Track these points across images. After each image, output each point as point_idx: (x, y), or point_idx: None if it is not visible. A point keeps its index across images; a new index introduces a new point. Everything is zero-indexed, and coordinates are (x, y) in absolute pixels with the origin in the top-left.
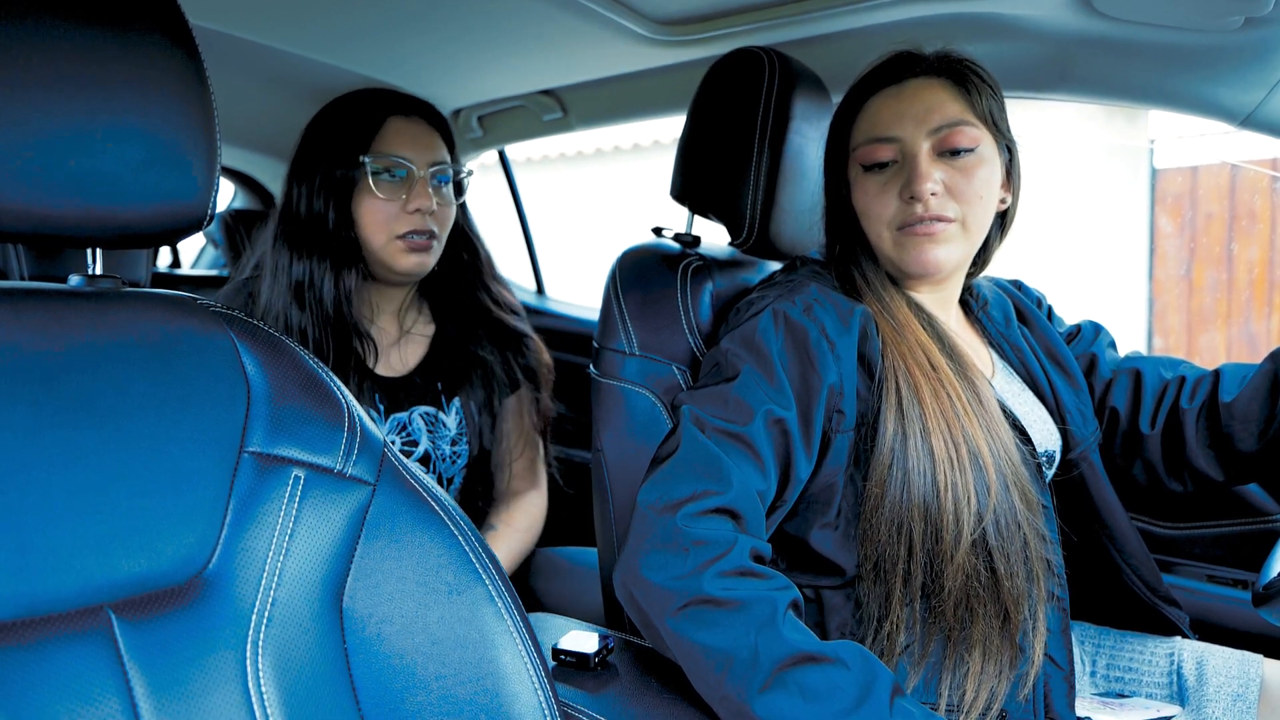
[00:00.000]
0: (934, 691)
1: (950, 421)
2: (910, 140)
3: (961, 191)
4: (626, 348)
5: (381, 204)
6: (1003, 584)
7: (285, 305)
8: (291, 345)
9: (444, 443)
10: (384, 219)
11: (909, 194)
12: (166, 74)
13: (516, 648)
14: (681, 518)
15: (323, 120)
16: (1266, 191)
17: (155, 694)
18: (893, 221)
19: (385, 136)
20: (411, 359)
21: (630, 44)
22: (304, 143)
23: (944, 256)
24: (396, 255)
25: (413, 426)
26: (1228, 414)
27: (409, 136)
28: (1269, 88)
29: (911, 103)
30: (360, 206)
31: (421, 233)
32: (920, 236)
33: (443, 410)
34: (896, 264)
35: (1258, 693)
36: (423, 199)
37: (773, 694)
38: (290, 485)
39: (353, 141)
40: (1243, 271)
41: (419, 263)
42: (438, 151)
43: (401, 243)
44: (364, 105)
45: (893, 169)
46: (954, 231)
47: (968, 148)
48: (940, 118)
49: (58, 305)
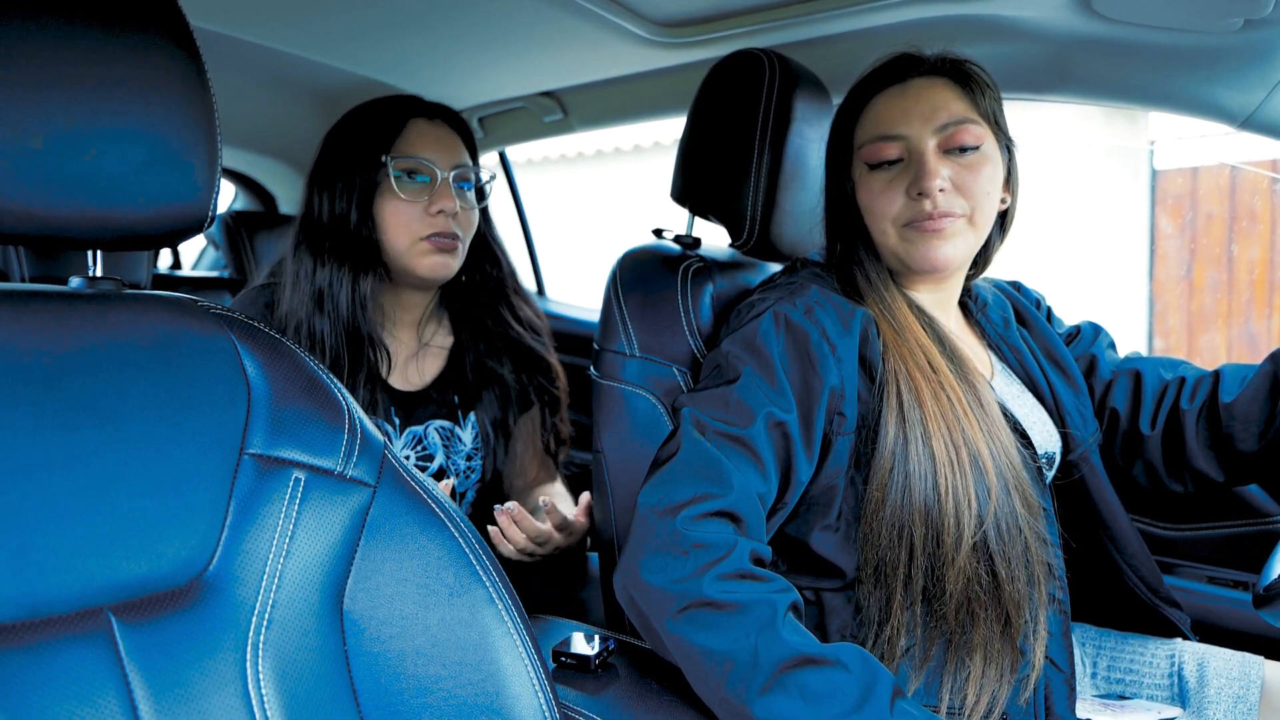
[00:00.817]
0: (935, 695)
1: (951, 424)
2: (917, 138)
3: (968, 188)
4: (627, 349)
5: (405, 205)
6: (1004, 588)
7: (309, 313)
8: (291, 347)
9: (459, 458)
10: (407, 221)
11: (917, 190)
12: (167, 75)
13: (517, 649)
14: (682, 520)
15: (344, 126)
16: (1266, 192)
17: (155, 696)
18: (899, 218)
19: (408, 138)
20: (429, 372)
21: (631, 45)
22: (325, 149)
23: (951, 252)
24: (420, 258)
25: (428, 440)
26: (1228, 415)
27: (432, 139)
28: (1269, 89)
29: (917, 101)
30: (383, 209)
31: (445, 235)
32: (929, 233)
33: (459, 425)
34: (903, 260)
35: (1259, 694)
36: (446, 200)
37: (773, 696)
38: (291, 487)
39: (375, 143)
40: (1243, 272)
41: (443, 264)
42: (460, 154)
43: (426, 244)
44: (386, 109)
45: (899, 167)
46: (961, 227)
47: (973, 145)
48: (946, 115)
49: (58, 307)
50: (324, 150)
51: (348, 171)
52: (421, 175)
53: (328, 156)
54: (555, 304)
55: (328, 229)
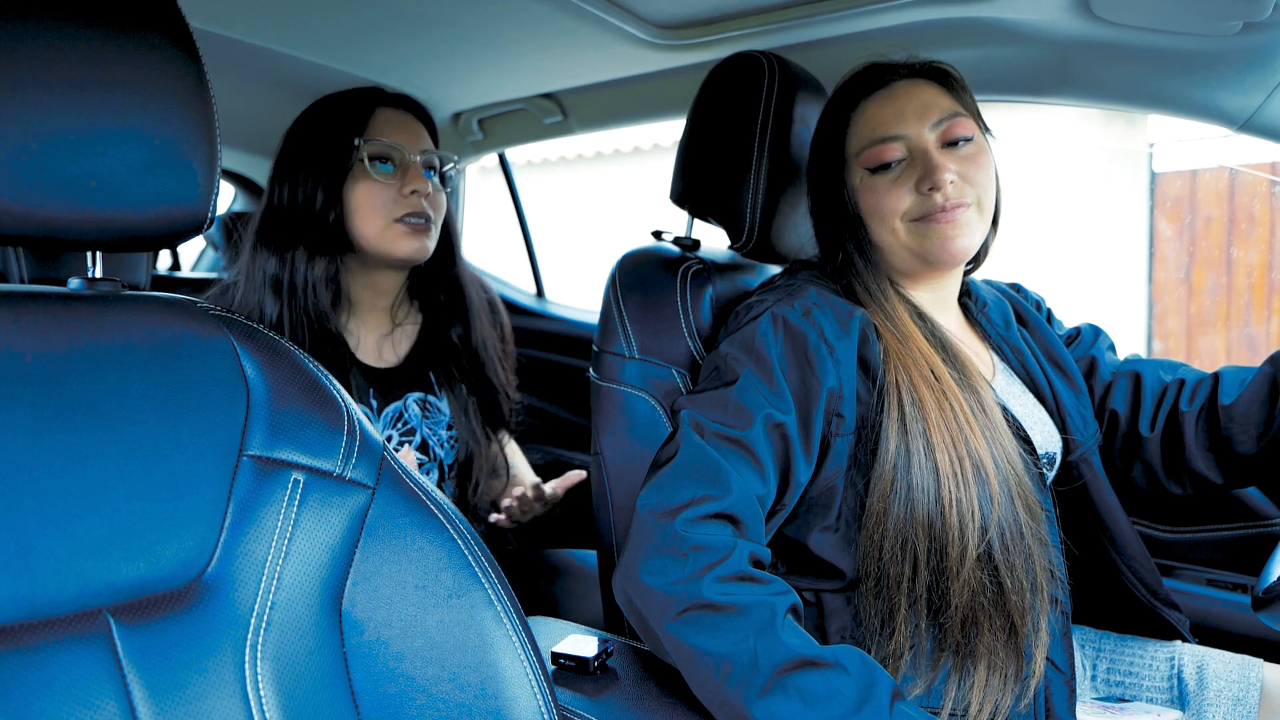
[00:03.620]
0: (938, 701)
1: (954, 435)
2: (916, 135)
3: (973, 177)
4: (626, 351)
5: (378, 188)
6: (1009, 597)
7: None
8: (291, 348)
9: (440, 428)
10: (381, 203)
11: (928, 185)
12: (167, 77)
13: (515, 651)
14: (681, 523)
15: (310, 117)
16: (1265, 195)
17: (154, 698)
18: (908, 214)
19: (376, 124)
20: (402, 348)
21: (631, 47)
22: (289, 142)
23: (966, 242)
24: (395, 240)
25: (409, 414)
26: (1227, 417)
27: (399, 125)
28: (1268, 92)
29: (907, 101)
30: (355, 193)
31: (419, 215)
32: (943, 225)
33: (435, 395)
34: (918, 254)
35: (1258, 697)
36: (419, 181)
37: (772, 698)
38: (290, 488)
39: (344, 129)
40: (1242, 275)
41: (418, 248)
42: (426, 140)
43: (400, 226)
44: (352, 99)
45: (902, 166)
46: (972, 215)
47: (967, 137)
48: (938, 111)
49: (57, 308)
50: (288, 143)
51: (315, 158)
52: (387, 164)
53: (292, 148)
54: (554, 306)
55: (290, 217)
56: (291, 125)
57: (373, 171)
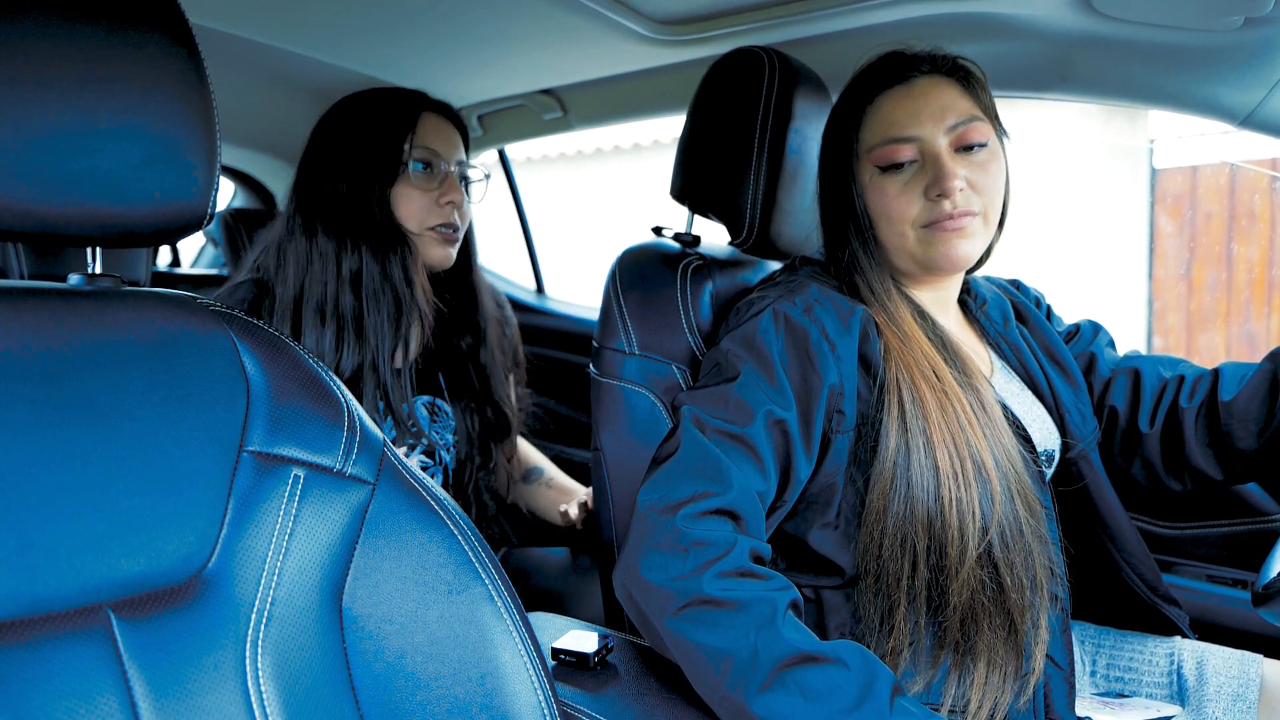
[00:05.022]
0: (937, 698)
1: (955, 435)
2: (929, 139)
3: (982, 185)
4: (626, 347)
5: (418, 194)
6: (1009, 596)
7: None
8: (290, 344)
9: (447, 432)
10: (419, 209)
11: (936, 192)
12: (167, 73)
13: (516, 647)
14: (681, 519)
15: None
16: (1266, 191)
17: (154, 693)
18: (918, 220)
19: (423, 130)
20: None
21: (630, 43)
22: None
23: (970, 250)
24: (426, 247)
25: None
26: (1227, 413)
27: (442, 133)
28: (1269, 87)
29: (925, 101)
30: (398, 196)
31: (449, 225)
32: (949, 233)
33: (442, 398)
34: (921, 261)
35: (1257, 692)
36: (455, 192)
37: (772, 694)
38: (290, 484)
39: (395, 130)
40: (1242, 271)
41: (444, 256)
42: (461, 151)
43: (433, 234)
44: (398, 100)
45: (913, 168)
46: (978, 225)
47: (981, 142)
48: (955, 115)
49: (57, 304)
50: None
51: (367, 155)
52: (426, 168)
53: (342, 139)
54: (554, 302)
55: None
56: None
57: (413, 175)
